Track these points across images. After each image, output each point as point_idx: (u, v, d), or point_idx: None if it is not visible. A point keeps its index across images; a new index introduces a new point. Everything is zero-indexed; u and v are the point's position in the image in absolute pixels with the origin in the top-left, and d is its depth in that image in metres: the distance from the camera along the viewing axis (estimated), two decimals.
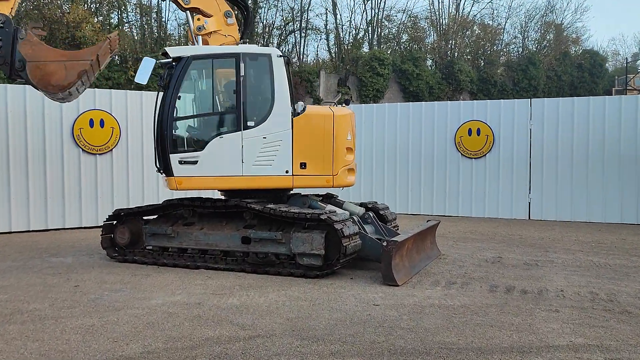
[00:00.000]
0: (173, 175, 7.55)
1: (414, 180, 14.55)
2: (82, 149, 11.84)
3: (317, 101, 28.65)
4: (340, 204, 8.39)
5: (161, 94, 7.58)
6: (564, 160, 13.24)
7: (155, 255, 7.94)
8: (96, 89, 12.44)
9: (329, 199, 8.56)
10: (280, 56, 7.60)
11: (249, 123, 7.51)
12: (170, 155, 7.52)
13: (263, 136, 7.53)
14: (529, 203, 13.59)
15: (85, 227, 11.56)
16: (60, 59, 7.49)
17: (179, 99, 7.58)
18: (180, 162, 7.50)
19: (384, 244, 6.66)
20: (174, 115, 7.56)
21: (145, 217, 8.26)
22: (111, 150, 12.15)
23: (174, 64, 7.57)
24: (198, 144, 7.62)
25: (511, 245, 9.72)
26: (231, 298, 5.96)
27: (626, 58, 39.85)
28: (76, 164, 11.81)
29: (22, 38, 7.39)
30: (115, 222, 8.24)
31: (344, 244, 6.74)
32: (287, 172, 7.55)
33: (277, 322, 5.09)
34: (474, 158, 14.00)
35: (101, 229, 8.23)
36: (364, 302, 5.79)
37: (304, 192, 8.23)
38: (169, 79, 7.50)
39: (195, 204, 7.75)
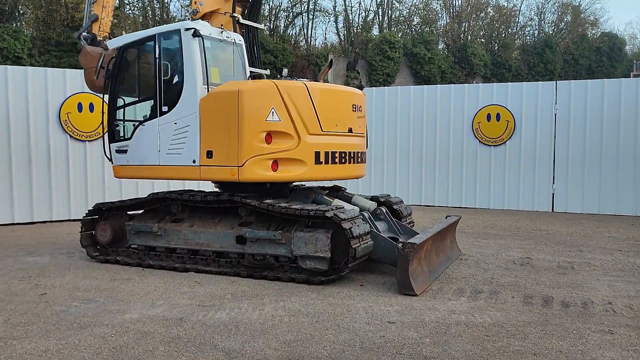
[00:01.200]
0: (112, 164, 7.47)
1: (427, 170, 13.55)
2: (70, 135, 10.96)
3: None
4: (348, 198, 7.45)
5: None
6: (592, 148, 12.18)
7: (140, 256, 7.07)
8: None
9: (336, 192, 7.62)
10: (189, 29, 6.63)
11: (164, 108, 6.80)
12: (110, 144, 7.52)
13: (174, 122, 6.72)
14: (553, 194, 12.58)
15: (73, 220, 10.70)
16: None
17: (121, 90, 7.44)
18: (117, 151, 7.41)
19: (400, 245, 5.71)
20: (114, 105, 7.47)
21: (130, 212, 7.38)
22: (102, 136, 11.23)
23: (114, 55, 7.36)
24: (128, 133, 7.34)
25: (538, 242, 8.75)
26: (220, 311, 5.06)
27: None
28: (64, 152, 10.95)
29: None
30: (96, 217, 7.36)
31: (353, 246, 5.80)
32: (194, 161, 6.57)
33: (271, 347, 4.18)
34: (493, 145, 12.97)
35: (80, 225, 7.35)
36: (377, 319, 4.87)
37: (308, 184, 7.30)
38: (110, 70, 7.39)
39: (183, 198, 6.84)
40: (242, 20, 7.70)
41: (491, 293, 5.74)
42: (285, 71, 7.01)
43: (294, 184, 7.49)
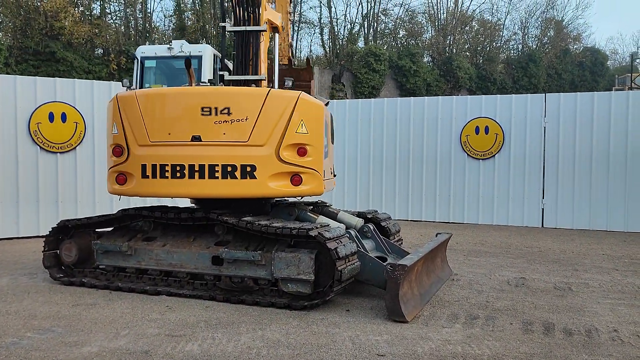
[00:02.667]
0: None
1: (415, 184, 13.17)
2: (40, 147, 10.38)
3: None
4: (334, 215, 7.01)
5: None
6: (582, 162, 11.92)
7: (108, 277, 6.52)
8: (57, 78, 10.96)
9: (321, 208, 7.18)
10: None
11: None
12: None
13: None
14: (543, 209, 12.26)
15: (42, 236, 10.02)
16: None
17: None
18: None
19: (389, 267, 5.26)
20: None
21: (98, 230, 6.84)
22: (74, 148, 10.70)
23: None
24: None
25: (532, 261, 8.37)
26: (191, 343, 4.56)
27: (631, 55, 38.67)
28: (33, 164, 10.36)
29: None
30: (60, 236, 6.80)
31: (339, 268, 5.34)
32: None
33: None
34: (482, 159, 12.65)
35: (43, 244, 6.78)
36: (365, 350, 4.41)
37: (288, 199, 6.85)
38: None
39: (155, 215, 6.33)
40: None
41: (487, 319, 5.31)
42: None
43: (275, 199, 7.04)
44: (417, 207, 13.16)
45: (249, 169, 5.82)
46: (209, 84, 6.79)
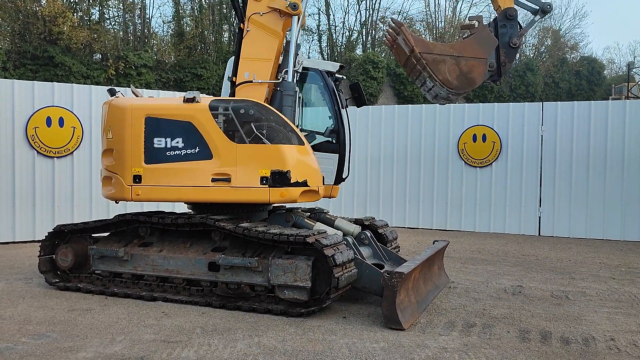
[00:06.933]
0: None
1: (412, 191, 13.17)
2: (38, 151, 10.35)
3: None
4: (331, 221, 7.00)
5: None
6: (579, 171, 11.94)
7: (104, 282, 6.49)
8: (55, 83, 10.95)
9: (319, 214, 7.16)
10: None
11: None
12: None
13: None
14: (539, 218, 12.27)
15: (38, 241, 9.97)
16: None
17: None
18: None
19: (387, 275, 5.25)
20: None
21: (94, 235, 6.82)
22: (72, 152, 10.67)
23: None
24: None
25: (529, 269, 8.37)
26: (187, 349, 4.53)
27: (628, 64, 38.88)
28: (30, 168, 10.32)
29: None
30: (56, 241, 6.77)
31: (336, 275, 5.33)
32: None
33: None
34: (479, 167, 12.67)
35: (39, 248, 6.75)
36: (362, 358, 4.39)
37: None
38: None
39: (152, 220, 6.31)
40: None
41: (484, 327, 5.30)
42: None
43: (272, 205, 7.03)
44: (414, 215, 13.15)
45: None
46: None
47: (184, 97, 6.16)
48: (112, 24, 28.87)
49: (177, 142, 6.04)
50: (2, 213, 10.06)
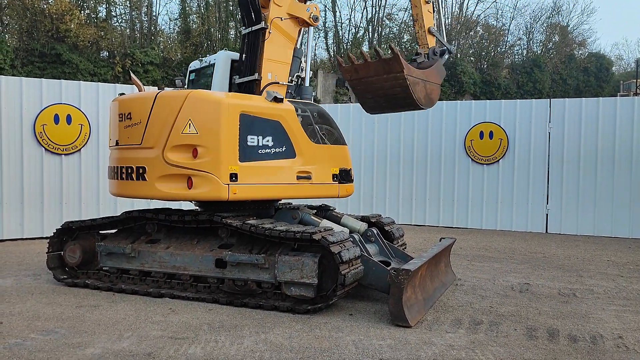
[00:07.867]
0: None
1: (418, 188, 13.15)
2: (46, 149, 10.42)
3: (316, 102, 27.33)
4: (337, 218, 7.00)
5: None
6: (587, 168, 11.87)
7: (111, 279, 6.53)
8: (63, 80, 11.01)
9: (325, 211, 7.17)
10: None
11: None
12: None
13: None
14: (547, 215, 12.22)
15: (46, 238, 10.07)
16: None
17: None
18: None
19: (393, 272, 5.25)
20: None
21: (102, 232, 6.86)
22: (79, 150, 10.74)
23: None
24: None
25: (536, 266, 8.33)
26: (194, 345, 4.55)
27: (636, 60, 38.58)
28: (38, 166, 10.40)
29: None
30: (64, 237, 6.82)
31: (343, 272, 5.34)
32: None
33: None
34: (486, 164, 12.63)
35: (47, 245, 6.80)
36: (368, 355, 4.39)
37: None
38: None
39: (159, 217, 6.33)
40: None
41: (491, 324, 5.29)
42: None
43: (279, 202, 7.05)
44: (421, 212, 13.13)
45: (140, 170, 6.07)
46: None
47: (274, 96, 6.17)
48: (119, 21, 28.97)
49: (267, 141, 6.08)
50: (11, 210, 10.14)
